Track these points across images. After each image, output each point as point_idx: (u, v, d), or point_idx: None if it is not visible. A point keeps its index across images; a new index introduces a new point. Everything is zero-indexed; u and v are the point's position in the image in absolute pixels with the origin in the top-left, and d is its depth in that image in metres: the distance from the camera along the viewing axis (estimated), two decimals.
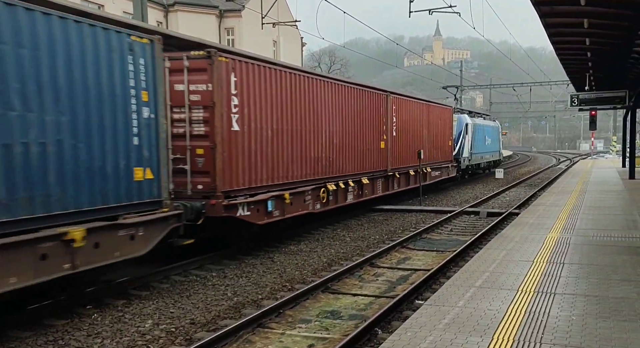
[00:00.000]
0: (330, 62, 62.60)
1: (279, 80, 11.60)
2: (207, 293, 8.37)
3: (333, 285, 8.79)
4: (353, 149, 15.12)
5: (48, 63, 6.52)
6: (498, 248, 8.86)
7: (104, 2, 29.11)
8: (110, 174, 7.32)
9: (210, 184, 9.72)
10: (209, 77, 9.68)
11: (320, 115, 13.32)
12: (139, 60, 7.85)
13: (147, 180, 7.98)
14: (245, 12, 34.14)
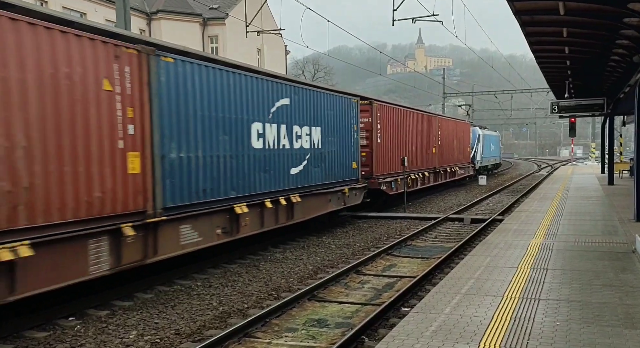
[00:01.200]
0: (314, 70, 62.88)
1: (398, 114, 20.16)
2: (192, 303, 8.29)
3: (319, 292, 8.77)
4: (421, 153, 23.03)
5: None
6: (483, 255, 8.93)
7: (86, 10, 28.91)
8: (346, 166, 15.40)
9: (369, 172, 17.69)
10: (369, 114, 17.70)
11: (409, 133, 21.37)
12: None
13: (355, 169, 16.02)
14: (229, 20, 34.14)
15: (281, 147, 12.05)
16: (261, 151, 11.33)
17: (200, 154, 9.43)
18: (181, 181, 8.93)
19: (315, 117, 13.58)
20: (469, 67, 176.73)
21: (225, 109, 10.15)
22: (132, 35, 8.93)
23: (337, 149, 14.83)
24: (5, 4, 6.38)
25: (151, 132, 8.28)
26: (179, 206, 8.90)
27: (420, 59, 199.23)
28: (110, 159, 7.55)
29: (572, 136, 33.52)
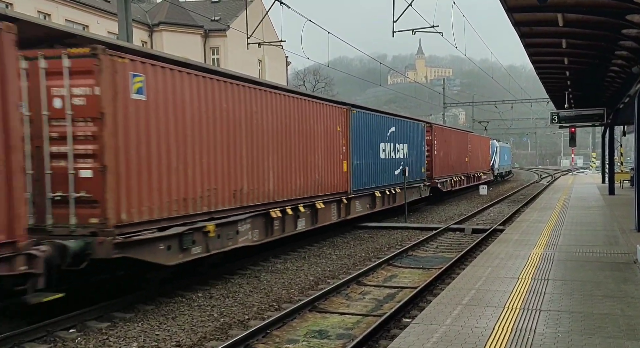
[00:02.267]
0: (314, 80, 63.13)
1: (446, 133, 27.16)
2: (192, 314, 8.28)
3: (320, 303, 8.76)
4: (459, 162, 29.76)
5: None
6: (484, 265, 8.92)
7: (89, 22, 29.13)
8: (419, 170, 21.80)
9: (430, 175, 23.60)
10: (430, 134, 23.94)
11: (452, 147, 27.85)
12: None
13: (423, 172, 22.16)
14: (230, 31, 34.36)
15: (391, 157, 19.22)
16: (383, 160, 18.53)
17: (363, 162, 16.80)
18: (358, 177, 16.40)
19: (405, 137, 20.70)
20: (469, 78, 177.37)
21: (371, 135, 17.47)
22: (344, 101, 16.60)
23: (415, 159, 21.81)
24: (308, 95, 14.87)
25: (349, 150, 15.75)
26: (356, 190, 16.26)
27: (421, 70, 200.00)
28: (339, 164, 15.05)
29: (573, 146, 33.64)
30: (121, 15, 15.10)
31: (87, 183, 7.60)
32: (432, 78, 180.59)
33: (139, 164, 8.08)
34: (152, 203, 8.27)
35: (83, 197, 7.57)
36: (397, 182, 19.31)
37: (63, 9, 27.89)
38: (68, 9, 28.28)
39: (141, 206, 8.06)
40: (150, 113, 8.32)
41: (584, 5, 9.62)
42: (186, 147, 9.08)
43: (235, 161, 10.42)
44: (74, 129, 7.66)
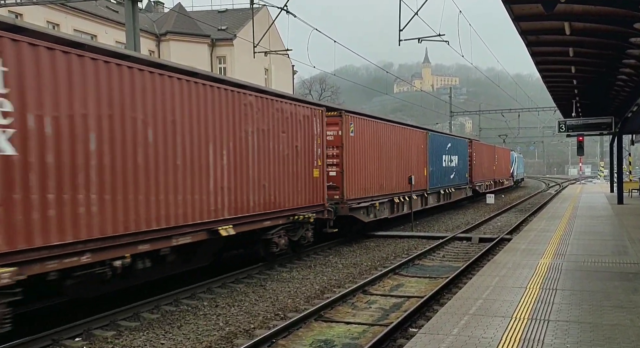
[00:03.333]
0: (321, 89, 63.32)
1: (479, 146, 33.17)
2: (198, 323, 8.25)
3: (326, 313, 8.71)
4: (489, 169, 36.01)
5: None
6: (491, 275, 8.85)
7: (97, 32, 29.41)
8: (464, 175, 28.59)
9: (470, 180, 29.93)
10: (471, 147, 30.79)
11: (484, 157, 34.23)
12: None
13: (467, 177, 29.07)
14: (237, 40, 34.57)
15: (448, 165, 25.53)
16: (444, 167, 24.82)
17: (434, 169, 22.99)
18: (431, 179, 22.55)
19: (456, 150, 27.22)
20: (476, 86, 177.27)
21: (438, 150, 23.81)
22: (424, 127, 25.13)
23: (462, 167, 28.21)
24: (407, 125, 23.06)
25: (427, 160, 21.99)
26: (431, 188, 22.53)
27: (427, 78, 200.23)
28: (423, 170, 21.47)
29: (580, 155, 33.46)
30: (129, 25, 15.28)
31: (334, 179, 15.09)
32: (439, 87, 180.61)
33: (354, 170, 15.72)
34: (359, 189, 16.03)
35: (332, 185, 14.88)
36: (451, 184, 26.20)
37: (71, 19, 28.21)
38: (76, 19, 28.60)
39: (355, 191, 15.74)
40: (357, 143, 15.89)
41: (591, 14, 9.60)
42: (373, 160, 17.04)
43: (388, 167, 18.46)
44: (329, 151, 14.88)
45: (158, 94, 8.67)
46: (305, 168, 13.13)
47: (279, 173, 12.02)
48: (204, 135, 9.69)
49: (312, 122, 13.33)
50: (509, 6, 9.17)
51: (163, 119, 8.76)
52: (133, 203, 8.06)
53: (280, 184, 12.06)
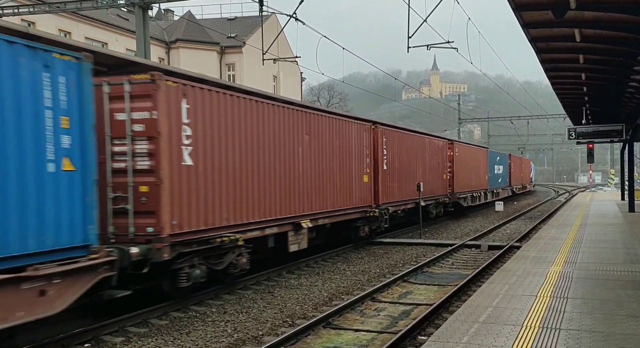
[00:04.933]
0: (329, 96, 63.44)
1: (512, 158, 44.37)
2: (206, 330, 8.24)
3: (334, 320, 8.67)
4: (518, 177, 46.49)
5: None
6: (501, 282, 8.78)
7: (108, 40, 29.69)
8: (506, 180, 41.05)
9: (509, 183, 42.01)
10: (509, 159, 43.08)
11: (517, 167, 45.58)
12: None
13: (508, 181, 41.64)
14: (246, 48, 34.77)
15: (497, 173, 35.75)
16: (495, 174, 35.01)
17: (491, 175, 33.55)
18: (490, 182, 33.13)
19: (502, 162, 37.10)
20: (484, 93, 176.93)
21: (492, 162, 34.18)
22: (484, 145, 40.60)
23: (504, 174, 38.12)
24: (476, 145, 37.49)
25: (487, 169, 32.63)
26: (489, 188, 33.15)
27: (435, 85, 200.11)
28: (484, 176, 32.16)
29: (591, 162, 33.27)
30: (139, 33, 15.44)
31: (449, 180, 25.35)
32: (447, 94, 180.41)
33: (460, 174, 26.60)
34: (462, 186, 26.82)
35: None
36: (499, 186, 36.59)
37: (83, 26, 28.52)
38: (88, 26, 28.91)
39: (459, 187, 25.88)
40: (460, 161, 27.30)
41: (602, 21, 9.56)
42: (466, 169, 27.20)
43: (469, 174, 27.45)
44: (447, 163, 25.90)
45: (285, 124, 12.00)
46: (359, 174, 15.98)
47: (347, 179, 15.12)
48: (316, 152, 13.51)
49: (360, 135, 16.18)
50: (518, 13, 9.16)
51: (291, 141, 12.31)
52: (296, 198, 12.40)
53: (348, 187, 15.13)
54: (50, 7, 18.67)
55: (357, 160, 15.62)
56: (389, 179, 17.75)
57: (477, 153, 30.97)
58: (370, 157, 16.49)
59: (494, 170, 34.69)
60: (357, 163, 15.57)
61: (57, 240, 6.46)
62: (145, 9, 15.22)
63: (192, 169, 9.12)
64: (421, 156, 21.22)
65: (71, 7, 18.30)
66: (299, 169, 12.49)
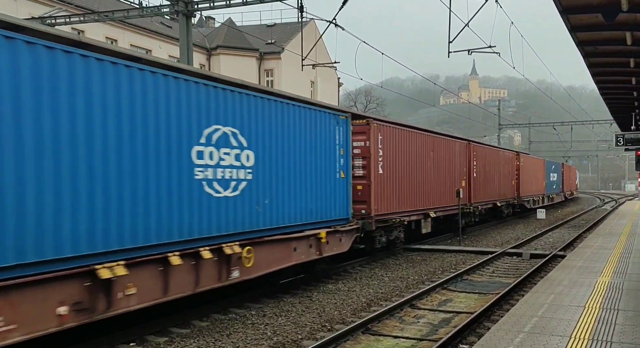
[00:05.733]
0: (366, 101, 63.32)
1: (564, 167, 48.32)
2: (246, 332, 8.32)
3: (373, 326, 8.61)
4: (568, 182, 49.52)
5: None
6: (545, 292, 8.54)
7: (152, 47, 30.50)
8: (560, 186, 45.86)
9: (562, 190, 46.18)
10: (562, 168, 47.67)
11: (566, 174, 47.76)
12: None
13: (561, 187, 45.95)
14: (284, 54, 35.09)
15: (553, 180, 40.01)
16: (551, 181, 39.26)
17: (547, 181, 37.48)
18: (546, 188, 37.26)
19: (556, 170, 41.50)
20: (525, 98, 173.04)
21: (548, 170, 38.01)
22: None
23: (558, 181, 41.96)
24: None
25: (545, 176, 36.82)
26: (546, 193, 37.55)
27: (474, 90, 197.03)
28: (542, 182, 36.12)
29: (639, 170, 32.06)
30: (182, 40, 15.79)
31: (515, 185, 30.03)
32: (486, 99, 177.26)
33: (525, 181, 30.99)
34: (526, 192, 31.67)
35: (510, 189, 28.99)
36: (554, 191, 40.36)
37: (128, 34, 29.41)
38: (133, 34, 29.79)
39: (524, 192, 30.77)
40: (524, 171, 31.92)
41: None
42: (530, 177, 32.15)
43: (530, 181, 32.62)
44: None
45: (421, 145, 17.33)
46: (460, 180, 20.61)
47: (452, 183, 19.77)
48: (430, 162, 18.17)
49: (460, 150, 21.08)
50: (565, 16, 8.93)
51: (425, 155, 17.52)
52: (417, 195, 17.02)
53: (452, 189, 19.35)
54: (99, 16, 19.35)
55: (459, 169, 20.60)
56: (478, 184, 22.57)
57: (537, 162, 35.63)
58: (465, 167, 21.39)
59: (549, 177, 38.62)
60: (458, 172, 20.52)
61: (339, 214, 11.98)
62: (189, 16, 15.58)
63: (382, 176, 14.58)
64: (497, 165, 25.74)
65: (118, 15, 18.92)
66: (427, 176, 17.58)
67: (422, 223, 17.27)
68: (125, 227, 6.85)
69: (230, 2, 15.64)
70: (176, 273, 7.54)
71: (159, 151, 7.34)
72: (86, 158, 6.39)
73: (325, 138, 11.24)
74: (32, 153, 5.83)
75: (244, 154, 8.93)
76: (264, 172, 9.45)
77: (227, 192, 8.59)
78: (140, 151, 7.07)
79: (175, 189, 7.60)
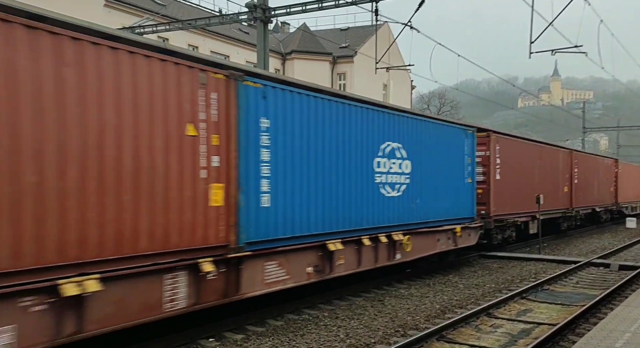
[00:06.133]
0: (439, 104, 62.10)
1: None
2: (320, 333, 8.40)
3: (448, 333, 8.42)
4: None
5: None
6: (639, 307, 7.98)
7: (229, 53, 31.62)
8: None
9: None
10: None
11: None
12: None
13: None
14: (357, 57, 35.16)
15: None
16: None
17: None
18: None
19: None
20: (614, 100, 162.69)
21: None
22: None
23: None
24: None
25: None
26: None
27: (556, 92, 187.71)
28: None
29: None
30: (259, 45, 16.24)
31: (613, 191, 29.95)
32: (569, 101, 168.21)
33: (624, 187, 30.91)
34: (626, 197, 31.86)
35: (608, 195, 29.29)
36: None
37: (209, 41, 30.68)
38: (212, 41, 31.04)
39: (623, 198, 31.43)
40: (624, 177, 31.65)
41: None
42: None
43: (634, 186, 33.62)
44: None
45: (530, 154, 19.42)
46: (562, 186, 22.28)
47: (555, 189, 21.46)
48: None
49: (563, 158, 22.93)
50: None
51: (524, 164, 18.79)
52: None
53: (555, 194, 21.28)
54: (183, 24, 20.34)
55: (562, 176, 22.41)
56: (579, 190, 24.05)
57: (634, 169, 36.24)
58: (568, 173, 23.13)
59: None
60: (561, 178, 22.33)
61: (467, 213, 14.19)
62: (266, 22, 16.00)
63: (499, 182, 16.48)
64: (596, 172, 27.25)
65: (201, 23, 19.79)
66: (535, 181, 19.42)
67: (529, 224, 18.92)
68: (340, 216, 9.76)
69: (306, 7, 15.91)
70: (365, 251, 10.49)
71: (358, 162, 10.28)
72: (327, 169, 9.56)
73: (457, 149, 13.64)
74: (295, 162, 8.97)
75: (405, 164, 11.62)
76: (417, 177, 11.98)
77: (394, 193, 11.29)
78: (351, 166, 10.12)
79: (365, 190, 10.44)
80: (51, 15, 5.68)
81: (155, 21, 21.32)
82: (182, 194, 6.78)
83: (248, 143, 7.76)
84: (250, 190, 7.84)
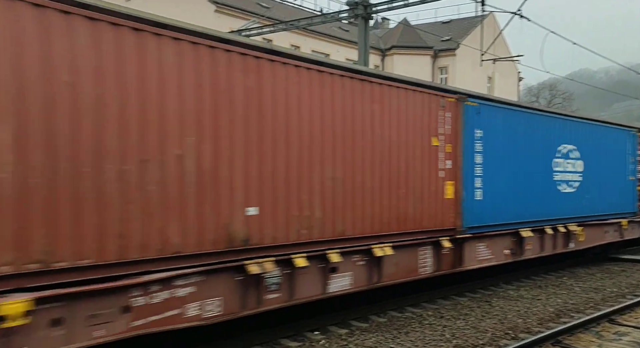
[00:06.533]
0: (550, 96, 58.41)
1: None
2: (424, 332, 8.26)
3: (564, 338, 7.91)
4: None
5: None
6: None
7: (330, 51, 32.06)
8: None
9: None
10: None
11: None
12: None
13: None
14: (459, 50, 34.08)
15: None
16: None
17: None
18: None
19: None
20: None
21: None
22: None
23: None
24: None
25: None
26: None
27: None
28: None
29: None
30: (361, 43, 16.30)
31: None
32: None
33: None
34: None
35: None
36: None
37: (310, 40, 31.34)
38: (313, 40, 31.67)
39: None
40: None
41: None
42: None
43: None
44: None
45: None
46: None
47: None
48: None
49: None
50: None
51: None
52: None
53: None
54: (286, 25, 20.95)
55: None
56: None
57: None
58: None
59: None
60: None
61: (629, 208, 14.99)
62: (367, 19, 16.01)
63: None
64: None
65: (303, 23, 20.26)
66: None
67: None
68: (527, 208, 11.34)
69: (409, 1, 15.69)
70: (546, 239, 12.19)
71: (540, 163, 11.86)
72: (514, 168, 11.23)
73: (620, 149, 14.65)
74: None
75: (578, 163, 13.02)
76: (587, 175, 13.28)
77: (568, 189, 12.72)
78: (535, 166, 11.76)
79: (546, 187, 11.99)
80: (171, 23, 6.12)
81: (260, 23, 22.16)
82: (429, 189, 9.33)
83: (467, 149, 10.04)
84: (469, 186, 10.06)
